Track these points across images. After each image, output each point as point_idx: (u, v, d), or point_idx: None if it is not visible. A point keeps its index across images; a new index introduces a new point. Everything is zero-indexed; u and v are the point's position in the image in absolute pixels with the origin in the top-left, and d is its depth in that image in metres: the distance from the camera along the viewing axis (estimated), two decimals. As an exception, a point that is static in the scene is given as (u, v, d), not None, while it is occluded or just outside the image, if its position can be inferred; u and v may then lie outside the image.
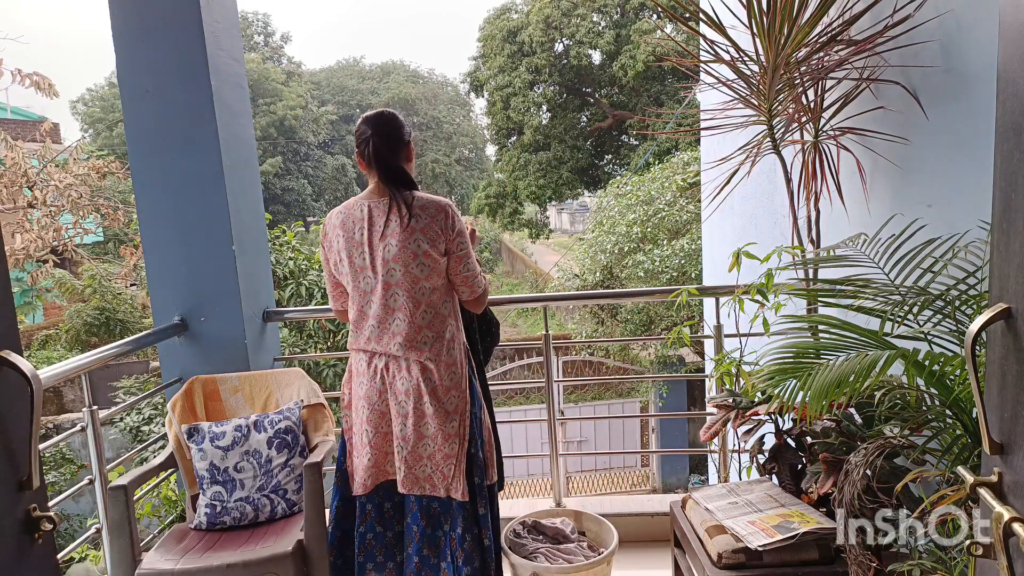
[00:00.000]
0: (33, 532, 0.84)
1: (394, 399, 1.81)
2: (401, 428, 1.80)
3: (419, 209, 1.74)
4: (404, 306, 1.75)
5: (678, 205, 8.07)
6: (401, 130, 1.82)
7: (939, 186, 1.78)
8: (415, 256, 1.72)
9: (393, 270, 1.73)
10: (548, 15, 15.90)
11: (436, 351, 1.78)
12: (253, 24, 28.49)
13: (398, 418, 1.80)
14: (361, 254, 1.76)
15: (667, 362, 8.58)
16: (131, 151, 2.47)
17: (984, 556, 0.73)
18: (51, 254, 7.74)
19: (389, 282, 1.74)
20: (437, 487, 1.81)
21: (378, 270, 1.74)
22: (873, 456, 1.36)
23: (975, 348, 0.77)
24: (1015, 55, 0.71)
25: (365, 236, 1.75)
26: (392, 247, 1.72)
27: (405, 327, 1.75)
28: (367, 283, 1.77)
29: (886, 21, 1.85)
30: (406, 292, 1.74)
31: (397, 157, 1.79)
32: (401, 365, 1.79)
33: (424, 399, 1.78)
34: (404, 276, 1.73)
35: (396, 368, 1.79)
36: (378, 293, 1.75)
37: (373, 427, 1.83)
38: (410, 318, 1.75)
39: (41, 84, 6.36)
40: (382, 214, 1.74)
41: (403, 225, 1.72)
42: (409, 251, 1.72)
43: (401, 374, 1.79)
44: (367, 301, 1.79)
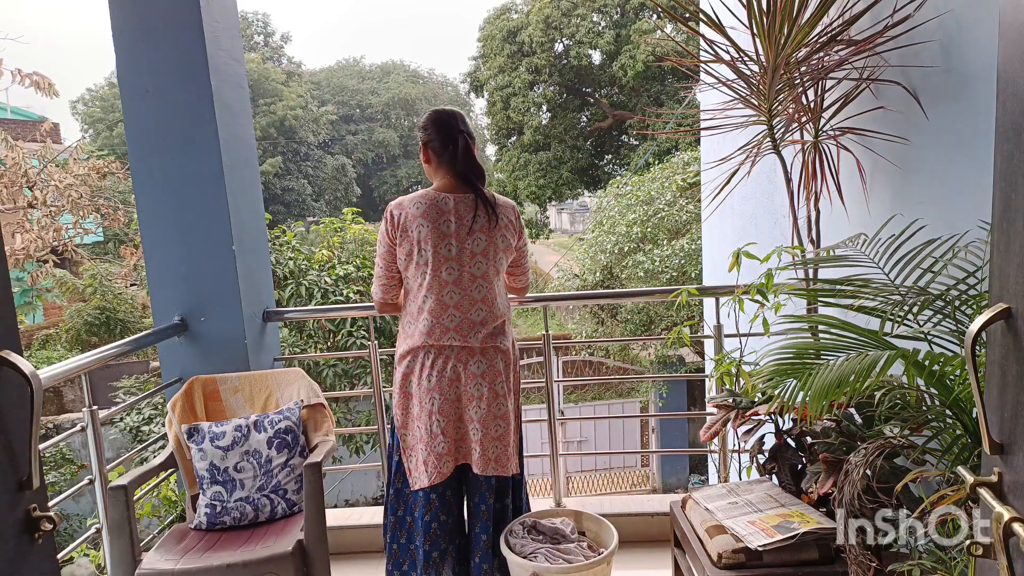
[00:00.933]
0: (33, 532, 0.84)
1: (469, 384, 1.90)
2: (476, 411, 1.90)
3: (501, 207, 1.92)
4: (487, 297, 1.90)
5: (678, 205, 8.08)
6: (465, 123, 1.95)
7: (939, 186, 1.78)
8: (497, 251, 1.90)
9: (480, 262, 1.88)
10: (548, 15, 15.90)
11: (507, 334, 1.97)
12: (253, 24, 28.50)
13: (473, 401, 1.90)
14: (447, 245, 1.85)
15: (667, 362, 8.58)
16: (131, 151, 2.47)
17: (984, 556, 0.73)
18: (51, 254, 7.75)
19: (475, 274, 1.88)
20: (506, 466, 1.94)
21: (465, 262, 1.87)
22: (873, 456, 1.36)
23: (975, 348, 0.77)
24: (1015, 55, 0.71)
25: (452, 228, 1.86)
26: (481, 241, 1.87)
27: (486, 315, 1.90)
28: (450, 274, 1.87)
29: (886, 21, 1.85)
30: (488, 283, 1.90)
31: (471, 150, 1.92)
32: (475, 351, 1.90)
33: (499, 379, 1.92)
34: (489, 268, 1.89)
35: (469, 355, 1.90)
36: (464, 284, 1.87)
37: (446, 416, 1.90)
38: (491, 307, 1.91)
39: (41, 84, 6.36)
40: (469, 209, 1.87)
41: (492, 221, 1.88)
42: (494, 245, 1.89)
43: (475, 359, 1.90)
44: (447, 292, 1.88)
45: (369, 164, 28.32)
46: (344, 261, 6.11)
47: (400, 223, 1.88)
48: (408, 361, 1.92)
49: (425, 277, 1.87)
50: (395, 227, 1.88)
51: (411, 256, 1.87)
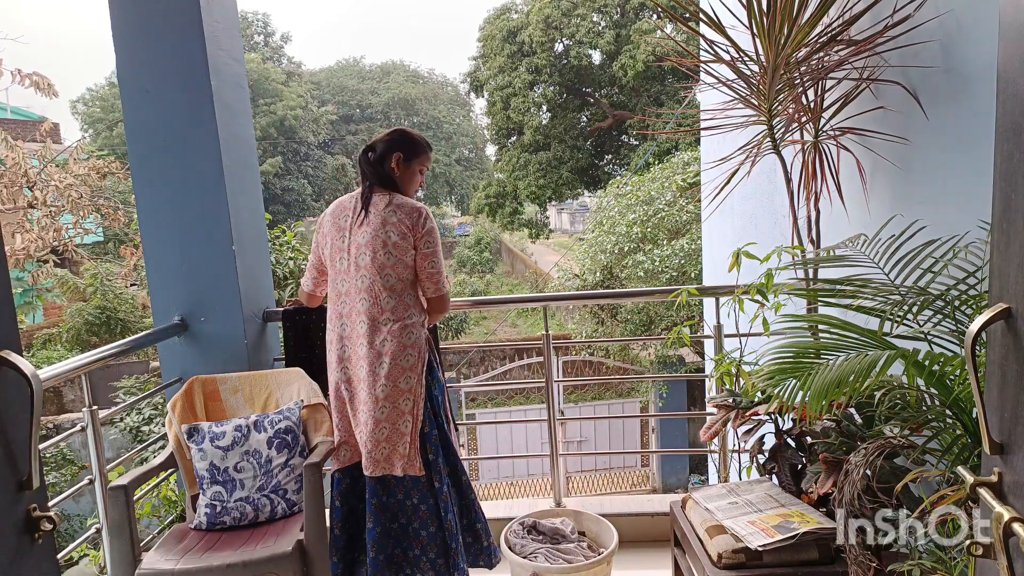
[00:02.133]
0: (33, 532, 0.84)
1: (358, 368, 2.04)
2: (364, 406, 2.02)
3: (396, 206, 2.03)
4: (371, 288, 2.00)
5: (678, 205, 8.07)
6: (398, 143, 2.11)
7: (939, 186, 1.78)
8: (383, 245, 1.99)
9: (364, 254, 2.00)
10: (548, 15, 15.90)
11: (394, 333, 2.00)
12: (253, 24, 28.49)
13: (360, 391, 2.04)
14: (342, 238, 2.05)
15: (667, 362, 8.58)
16: (131, 151, 2.47)
17: (984, 556, 0.73)
18: (51, 254, 7.75)
19: (359, 264, 2.01)
20: (395, 465, 2.02)
21: (352, 252, 2.03)
22: (873, 456, 1.36)
23: (975, 348, 0.77)
24: (1015, 55, 0.71)
25: (348, 223, 2.05)
26: (365, 234, 2.01)
27: (370, 306, 2.00)
28: (341, 262, 2.06)
29: (886, 21, 1.85)
30: (372, 275, 2.00)
31: (386, 160, 2.09)
32: (363, 338, 2.02)
33: (386, 376, 1.99)
34: (372, 260, 1.99)
35: (358, 340, 2.03)
36: (351, 273, 2.04)
37: (340, 400, 2.10)
38: (375, 299, 2.00)
39: (41, 84, 6.37)
40: (361, 205, 2.06)
41: (376, 216, 2.02)
42: (378, 239, 1.99)
43: (363, 344, 2.02)
44: (339, 280, 2.07)
45: (369, 164, 28.24)
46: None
47: (320, 220, 2.16)
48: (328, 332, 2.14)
49: (328, 269, 2.13)
50: (319, 224, 2.16)
51: (322, 248, 2.15)
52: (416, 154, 2.12)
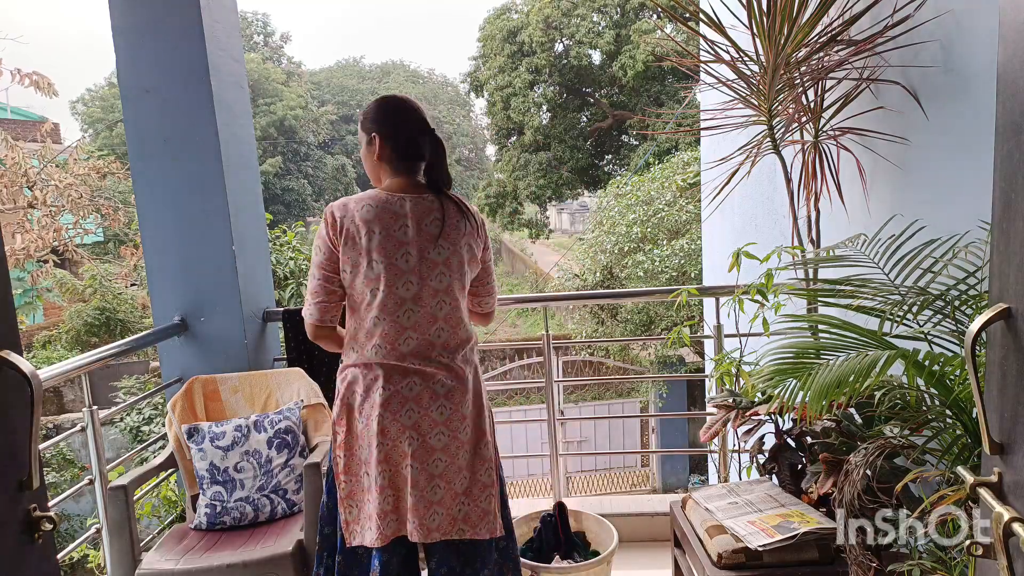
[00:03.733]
0: (33, 532, 0.84)
1: (427, 427, 1.55)
2: (435, 464, 1.56)
3: (470, 213, 1.63)
4: (451, 316, 1.59)
5: (678, 205, 8.07)
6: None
7: (939, 186, 1.78)
8: (463, 262, 1.59)
9: (443, 274, 1.56)
10: (548, 15, 15.90)
11: (474, 363, 1.64)
12: (253, 24, 28.49)
13: (432, 451, 1.56)
14: (404, 256, 1.54)
15: (667, 362, 8.58)
16: (131, 151, 2.47)
17: (984, 556, 0.73)
18: (51, 254, 7.75)
19: (438, 288, 1.56)
20: (477, 526, 1.60)
21: (425, 275, 1.55)
22: (873, 456, 1.36)
23: (975, 348, 0.77)
24: (1015, 55, 0.71)
25: (411, 235, 1.54)
26: (445, 250, 1.56)
27: (448, 337, 1.58)
28: (407, 289, 1.54)
29: (886, 21, 1.85)
30: (453, 299, 1.58)
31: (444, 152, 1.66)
32: (436, 379, 1.56)
33: (467, 423, 1.58)
34: (454, 281, 1.58)
35: (428, 383, 1.56)
36: (424, 300, 1.55)
37: (392, 465, 1.55)
38: (455, 328, 1.59)
39: (41, 84, 6.37)
40: (429, 212, 1.57)
41: (462, 224, 1.59)
42: (459, 255, 1.58)
43: (435, 389, 1.56)
44: (404, 311, 1.54)
45: (369, 164, 28.27)
46: (344, 261, 6.11)
47: (344, 228, 1.53)
48: (350, 381, 1.57)
49: (377, 295, 1.53)
50: (338, 232, 1.54)
51: (358, 268, 1.53)
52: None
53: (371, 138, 1.60)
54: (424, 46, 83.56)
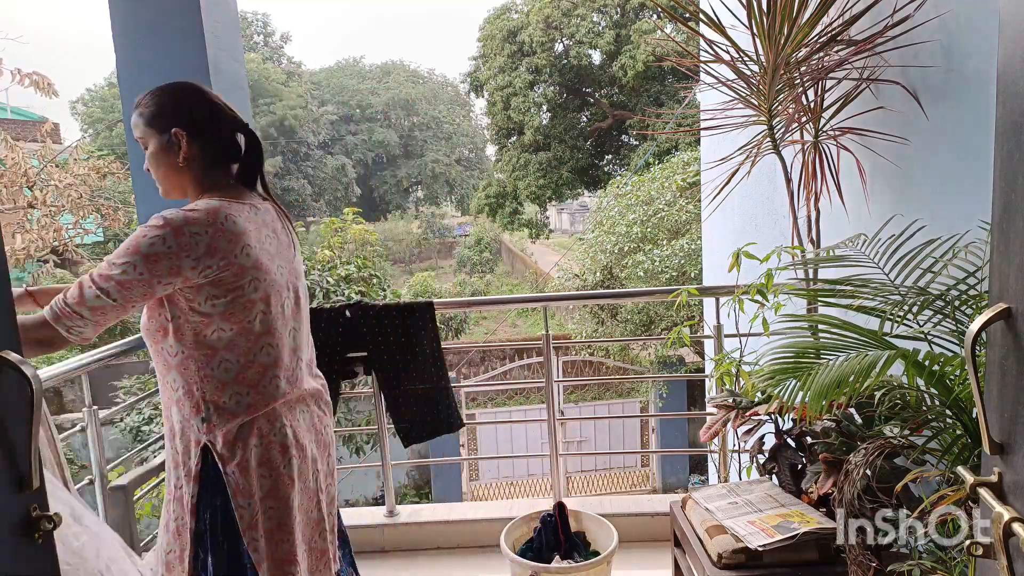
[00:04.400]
0: (33, 532, 0.84)
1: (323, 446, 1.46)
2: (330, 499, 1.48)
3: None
4: (308, 331, 1.49)
5: (678, 205, 8.07)
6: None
7: (939, 186, 1.78)
8: (303, 274, 1.49)
9: (303, 285, 1.46)
10: (548, 15, 15.91)
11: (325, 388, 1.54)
12: (253, 24, 28.51)
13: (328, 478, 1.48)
14: (279, 270, 1.34)
15: (667, 362, 8.58)
16: (131, 151, 2.47)
17: (984, 556, 0.73)
18: (51, 254, 7.74)
19: (303, 300, 1.46)
20: None
21: (298, 290, 1.42)
22: (873, 456, 1.36)
23: (975, 348, 0.77)
24: (1015, 55, 0.71)
25: (278, 248, 1.36)
26: (299, 262, 1.46)
27: (313, 359, 1.51)
28: (288, 307, 1.36)
29: (886, 21, 1.85)
30: (305, 316, 1.47)
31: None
32: (318, 399, 1.47)
33: (333, 457, 1.51)
34: (304, 297, 1.46)
35: (319, 406, 1.47)
36: (302, 319, 1.43)
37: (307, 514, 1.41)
38: (311, 348, 1.51)
39: (41, 84, 6.36)
40: (277, 220, 1.40)
41: (293, 238, 1.47)
42: (302, 269, 1.48)
43: (322, 411, 1.48)
44: (288, 331, 1.36)
45: (369, 164, 28.34)
46: (345, 261, 6.12)
47: (234, 236, 1.23)
48: (259, 434, 1.29)
49: (256, 314, 1.28)
50: (225, 237, 1.22)
51: (236, 291, 1.24)
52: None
53: (171, 138, 1.30)
54: (424, 46, 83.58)
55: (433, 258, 26.03)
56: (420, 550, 2.62)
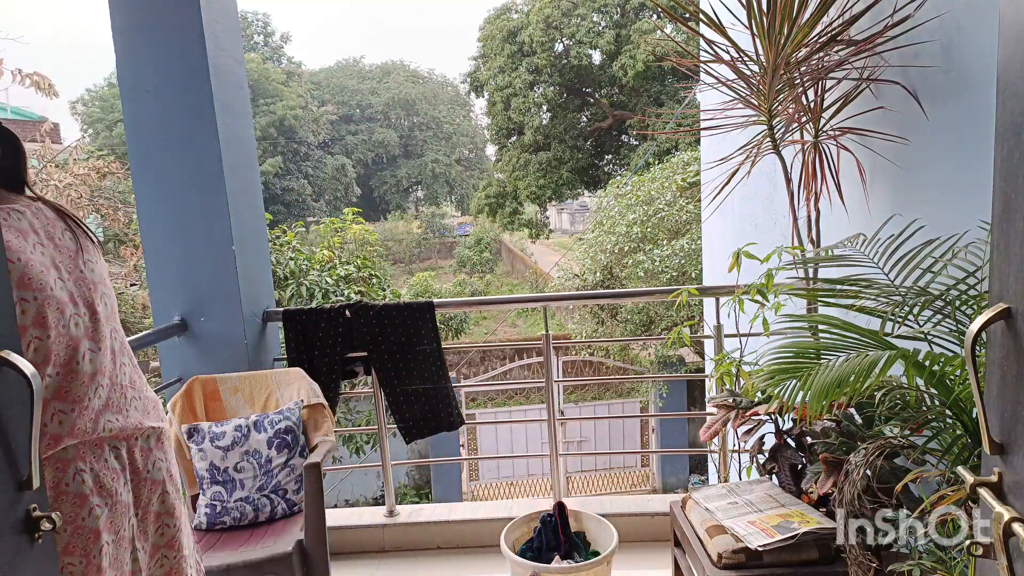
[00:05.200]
0: (33, 532, 0.84)
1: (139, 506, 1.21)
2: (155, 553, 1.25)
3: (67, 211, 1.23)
4: (125, 349, 1.26)
5: (678, 205, 8.07)
6: None
7: (939, 186, 1.78)
8: (107, 280, 1.25)
9: (106, 297, 1.22)
10: (548, 15, 15.91)
11: (159, 418, 1.28)
12: (253, 24, 28.51)
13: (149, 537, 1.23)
14: (59, 282, 1.12)
15: (667, 362, 8.58)
16: (131, 151, 2.47)
17: (984, 556, 0.73)
18: (51, 254, 7.73)
19: (107, 315, 1.21)
20: None
21: (93, 304, 1.18)
22: (873, 456, 1.36)
23: (975, 348, 0.77)
24: (1015, 55, 0.71)
25: (50, 253, 1.14)
26: (95, 265, 1.22)
27: (134, 377, 1.25)
28: (81, 325, 1.14)
29: (886, 21, 1.85)
30: (119, 330, 1.25)
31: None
32: (143, 448, 1.22)
33: (171, 495, 1.27)
34: (113, 304, 1.24)
35: (141, 456, 1.22)
36: (102, 337, 1.18)
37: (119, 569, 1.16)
38: (135, 368, 1.26)
39: (41, 84, 6.36)
40: (53, 222, 1.18)
41: (87, 235, 1.23)
42: (103, 272, 1.24)
43: (148, 461, 1.22)
44: (80, 353, 1.12)
45: (369, 164, 28.34)
46: (345, 261, 6.12)
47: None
48: (60, 476, 1.07)
49: (44, 343, 1.07)
50: None
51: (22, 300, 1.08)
52: None
53: None
54: (424, 46, 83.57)
55: (433, 258, 26.04)
56: (420, 550, 2.62)
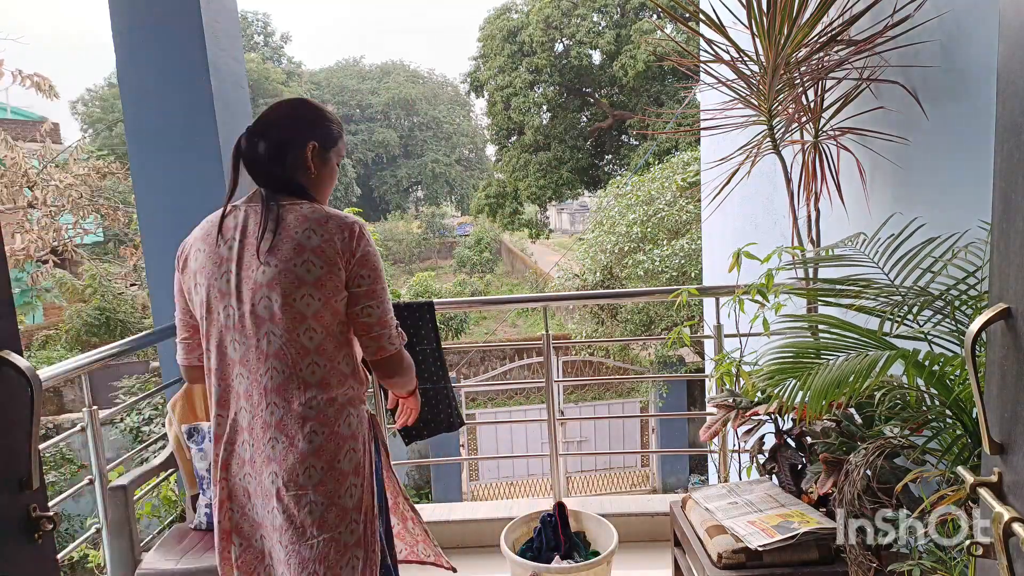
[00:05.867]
0: (33, 532, 0.84)
1: (259, 503, 1.34)
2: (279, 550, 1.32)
3: (315, 222, 1.29)
4: (282, 353, 1.28)
5: (678, 205, 8.07)
6: (310, 125, 1.38)
7: (939, 186, 1.78)
8: (297, 285, 1.26)
9: (267, 300, 1.27)
10: (548, 15, 15.91)
11: (325, 422, 1.30)
12: (253, 24, 28.51)
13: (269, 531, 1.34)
14: (225, 274, 1.30)
15: (667, 362, 8.57)
16: (131, 151, 2.47)
17: (984, 556, 0.73)
18: (51, 254, 7.75)
19: (263, 316, 1.27)
20: None
21: (246, 299, 1.28)
22: (873, 456, 1.36)
23: (975, 348, 0.77)
24: (1015, 55, 0.71)
25: (234, 251, 1.30)
26: (270, 269, 1.26)
27: (282, 382, 1.28)
28: (228, 315, 1.30)
29: (886, 21, 1.85)
30: (289, 334, 1.28)
31: (290, 152, 1.36)
32: (269, 442, 1.29)
33: (287, 501, 1.28)
34: (283, 310, 1.26)
35: (261, 448, 1.31)
36: (247, 331, 1.29)
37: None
38: (292, 370, 1.29)
39: (41, 85, 6.36)
40: (258, 223, 1.30)
41: (287, 241, 1.28)
42: (288, 278, 1.26)
43: (265, 454, 1.30)
44: (229, 340, 1.31)
45: (369, 164, 28.34)
46: (344, 261, 6.11)
47: (183, 250, 1.44)
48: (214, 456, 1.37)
49: (205, 322, 1.34)
50: (180, 256, 1.44)
51: (191, 294, 1.39)
52: (334, 139, 1.41)
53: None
54: (424, 46, 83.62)
55: (433, 258, 26.03)
56: (420, 550, 2.62)
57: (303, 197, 1.35)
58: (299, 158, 1.37)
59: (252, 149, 1.36)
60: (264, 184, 1.36)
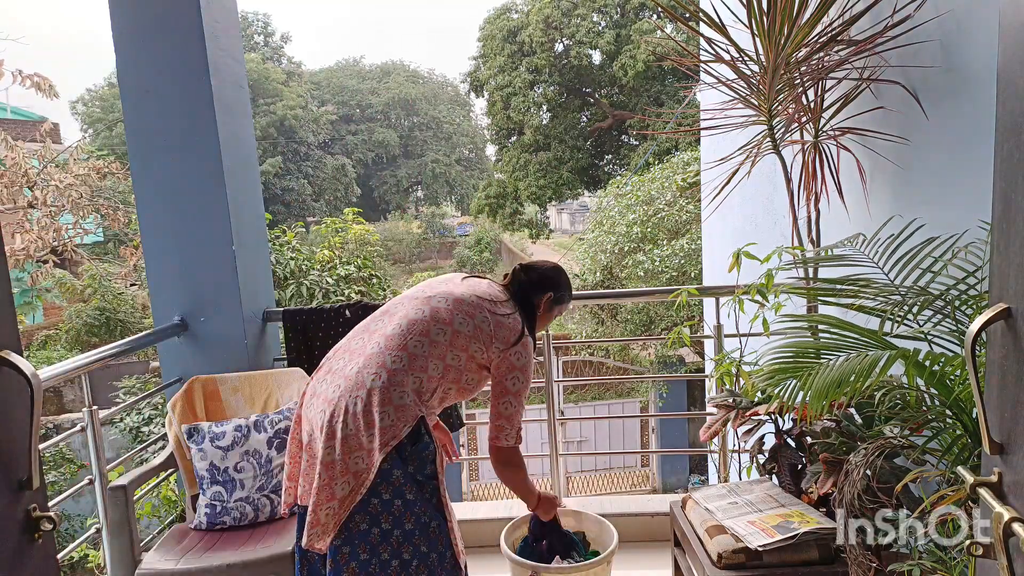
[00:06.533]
0: (33, 532, 0.84)
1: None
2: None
3: (503, 316, 1.73)
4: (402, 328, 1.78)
5: (678, 205, 8.07)
6: (555, 282, 1.88)
7: (939, 186, 1.78)
8: (452, 317, 1.75)
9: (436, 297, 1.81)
10: (548, 15, 15.91)
11: (371, 402, 1.66)
12: (253, 24, 28.50)
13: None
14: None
15: (667, 362, 8.58)
16: (131, 151, 2.47)
17: (984, 556, 0.73)
18: (51, 254, 7.75)
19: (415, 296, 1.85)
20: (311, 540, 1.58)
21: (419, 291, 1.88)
22: (873, 456, 1.36)
23: (975, 348, 0.77)
24: (1015, 55, 0.71)
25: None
26: (448, 296, 1.80)
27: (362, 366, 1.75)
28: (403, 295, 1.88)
29: (886, 21, 1.85)
30: (407, 319, 1.78)
31: (538, 290, 1.84)
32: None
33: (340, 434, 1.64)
34: (424, 312, 1.78)
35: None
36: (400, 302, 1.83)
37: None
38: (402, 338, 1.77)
39: (41, 85, 6.36)
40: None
41: (484, 301, 1.79)
42: (451, 311, 1.76)
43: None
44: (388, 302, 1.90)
45: (369, 164, 28.34)
46: (345, 261, 6.11)
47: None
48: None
49: None
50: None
51: None
52: (563, 301, 1.91)
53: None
54: (424, 46, 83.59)
55: (433, 258, 26.02)
56: (420, 550, 2.61)
57: (527, 321, 1.78)
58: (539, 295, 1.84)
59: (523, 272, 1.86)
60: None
